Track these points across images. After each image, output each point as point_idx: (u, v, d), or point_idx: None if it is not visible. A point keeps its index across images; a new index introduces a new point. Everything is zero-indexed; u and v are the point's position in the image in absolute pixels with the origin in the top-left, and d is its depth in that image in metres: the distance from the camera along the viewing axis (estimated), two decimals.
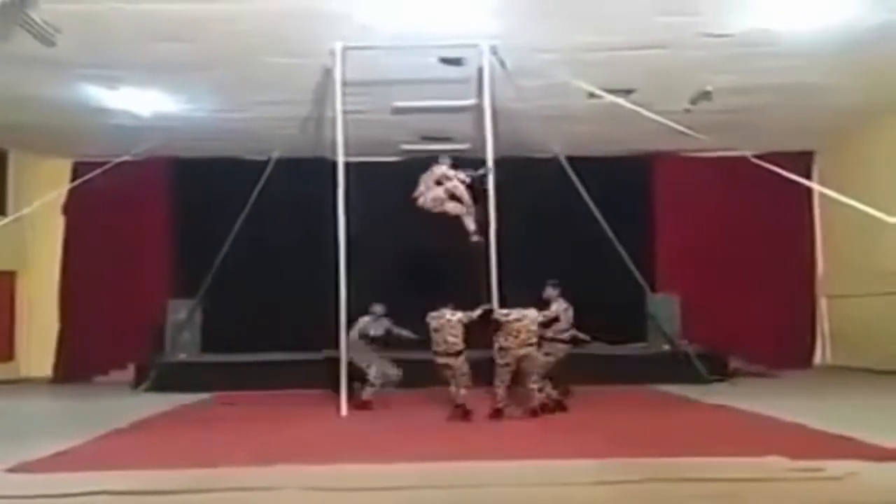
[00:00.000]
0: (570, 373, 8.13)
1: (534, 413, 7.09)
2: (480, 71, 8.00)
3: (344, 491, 4.31)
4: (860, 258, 11.30)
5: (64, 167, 11.88)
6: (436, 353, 7.25)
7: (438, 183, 7.90)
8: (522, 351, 7.04)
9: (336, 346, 7.93)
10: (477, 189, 7.90)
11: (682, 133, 7.77)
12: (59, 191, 11.10)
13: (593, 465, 4.77)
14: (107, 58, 8.09)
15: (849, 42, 7.87)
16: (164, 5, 6.94)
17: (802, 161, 11.87)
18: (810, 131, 11.47)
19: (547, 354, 7.55)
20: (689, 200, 12.12)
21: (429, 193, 7.86)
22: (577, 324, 7.92)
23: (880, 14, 7.33)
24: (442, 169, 7.99)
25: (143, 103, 9.57)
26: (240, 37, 7.63)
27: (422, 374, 8.72)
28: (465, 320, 7.21)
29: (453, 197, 7.84)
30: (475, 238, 7.89)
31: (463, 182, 7.88)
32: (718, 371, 10.07)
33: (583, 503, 4.07)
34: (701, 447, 5.37)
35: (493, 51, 7.87)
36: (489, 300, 7.56)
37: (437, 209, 7.87)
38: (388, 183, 11.15)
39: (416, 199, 7.94)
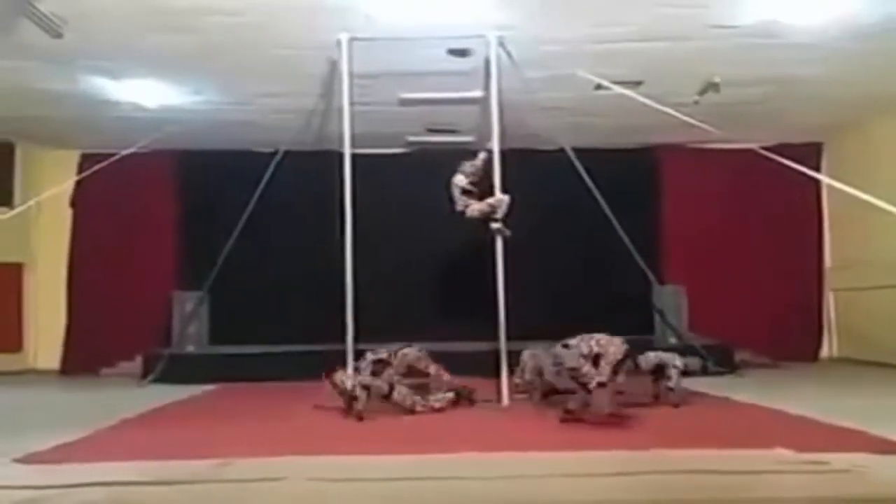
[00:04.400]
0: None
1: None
2: (487, 62, 7.97)
3: (350, 481, 4.31)
4: (868, 251, 11.24)
5: (70, 159, 11.88)
6: None
7: (469, 188, 7.75)
8: None
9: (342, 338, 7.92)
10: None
11: (690, 125, 7.74)
12: (66, 183, 11.13)
13: (599, 457, 4.77)
14: (112, 49, 8.08)
15: (857, 33, 7.81)
16: None
17: (811, 153, 11.80)
18: (819, 123, 11.39)
19: None
20: (696, 192, 12.05)
21: (474, 206, 7.67)
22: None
23: (888, 6, 7.27)
24: (470, 170, 7.83)
25: (149, 95, 9.57)
26: (245, 28, 7.62)
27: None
28: None
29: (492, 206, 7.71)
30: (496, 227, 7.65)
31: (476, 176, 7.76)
32: (725, 363, 10.05)
33: (587, 495, 4.06)
34: (707, 439, 5.36)
35: (500, 42, 7.83)
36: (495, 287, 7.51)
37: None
38: (395, 175, 11.20)
39: (462, 213, 7.76)
